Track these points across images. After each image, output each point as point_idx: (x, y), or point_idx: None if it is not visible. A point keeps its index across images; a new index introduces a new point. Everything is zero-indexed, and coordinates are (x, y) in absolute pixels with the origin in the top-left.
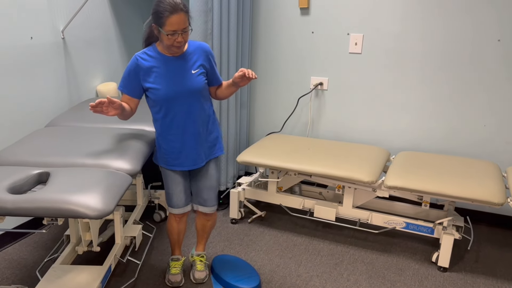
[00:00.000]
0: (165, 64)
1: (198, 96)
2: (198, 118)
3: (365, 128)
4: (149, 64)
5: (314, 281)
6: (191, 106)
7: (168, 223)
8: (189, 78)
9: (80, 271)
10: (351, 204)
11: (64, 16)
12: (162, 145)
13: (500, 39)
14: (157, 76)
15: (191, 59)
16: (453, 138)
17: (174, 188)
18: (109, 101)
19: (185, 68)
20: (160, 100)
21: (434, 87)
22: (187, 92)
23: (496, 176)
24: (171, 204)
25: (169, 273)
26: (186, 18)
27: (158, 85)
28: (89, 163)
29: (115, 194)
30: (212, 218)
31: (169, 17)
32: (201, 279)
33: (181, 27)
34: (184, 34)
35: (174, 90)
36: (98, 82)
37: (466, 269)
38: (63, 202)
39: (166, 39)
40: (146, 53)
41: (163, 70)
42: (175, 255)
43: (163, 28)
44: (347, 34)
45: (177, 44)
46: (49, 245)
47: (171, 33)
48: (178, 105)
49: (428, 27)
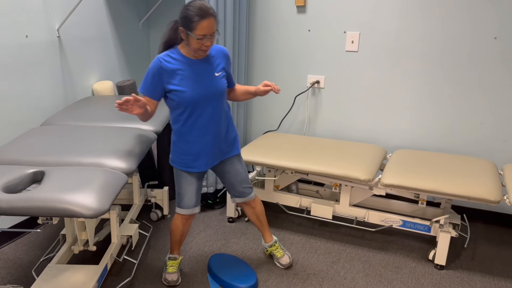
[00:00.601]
0: (190, 66)
1: (221, 98)
2: (220, 119)
3: (362, 126)
4: (173, 66)
5: (311, 280)
6: (214, 108)
7: (173, 223)
8: (213, 81)
9: (76, 270)
10: (348, 202)
11: (60, 14)
12: (180, 147)
13: (497, 37)
14: (182, 79)
15: (214, 62)
16: (449, 136)
17: (187, 189)
18: (134, 99)
19: (209, 71)
20: (184, 102)
21: (430, 85)
22: (211, 95)
23: (492, 174)
24: (181, 205)
25: (165, 272)
26: (215, 23)
27: (183, 87)
28: (85, 162)
29: (111, 193)
30: (256, 204)
31: (200, 22)
32: (287, 263)
33: (211, 32)
34: (212, 38)
35: (200, 92)
36: (94, 80)
37: (463, 267)
38: (57, 201)
39: (195, 43)
40: (170, 55)
41: (188, 72)
42: (173, 254)
43: (193, 32)
44: (344, 32)
45: (204, 48)
46: (45, 244)
47: (200, 37)
48: (202, 107)
49: (424, 25)
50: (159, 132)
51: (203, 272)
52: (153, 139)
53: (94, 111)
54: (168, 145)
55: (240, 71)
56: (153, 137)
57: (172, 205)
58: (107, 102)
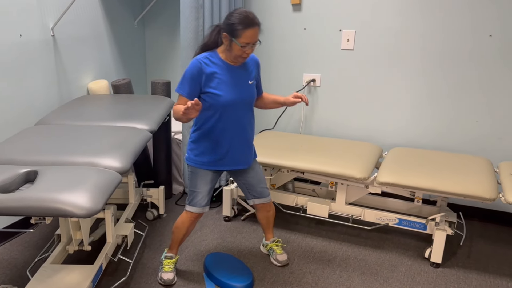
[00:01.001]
0: (228, 72)
1: (251, 104)
2: (248, 125)
3: (358, 125)
4: (211, 69)
5: (307, 278)
6: (244, 114)
7: (180, 221)
8: (247, 88)
9: (71, 270)
10: (344, 201)
11: (54, 13)
12: (206, 146)
13: (492, 35)
14: (220, 83)
15: (248, 69)
16: (445, 134)
17: (202, 188)
18: (196, 103)
19: (244, 77)
20: (218, 106)
21: (426, 83)
22: (244, 101)
23: (488, 171)
24: (192, 203)
25: (161, 271)
26: (258, 32)
27: (220, 91)
28: (79, 161)
29: (104, 192)
30: (271, 208)
31: (245, 30)
32: (284, 260)
33: (254, 40)
34: (254, 47)
35: (234, 98)
36: (89, 79)
37: (459, 265)
38: (50, 200)
39: (237, 50)
40: (209, 58)
41: (225, 77)
42: (170, 253)
43: (237, 39)
44: (339, 30)
45: (245, 55)
46: (40, 244)
47: (244, 45)
48: (233, 111)
49: (420, 24)
50: (154, 131)
51: (199, 271)
52: (148, 138)
53: (89, 110)
54: (164, 144)
55: None
56: (148, 136)
57: (168, 204)
58: (102, 101)
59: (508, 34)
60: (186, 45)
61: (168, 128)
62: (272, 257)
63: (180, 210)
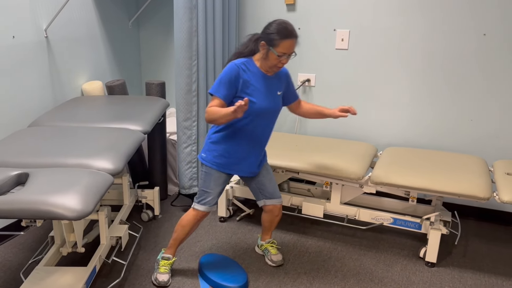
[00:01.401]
0: (262, 80)
1: (277, 115)
2: (268, 134)
3: (353, 124)
4: (248, 76)
5: (302, 278)
6: (270, 123)
7: (186, 219)
8: (276, 98)
9: (64, 272)
10: (339, 201)
11: (47, 14)
12: (225, 148)
13: (486, 33)
14: (254, 90)
15: (278, 80)
16: (440, 133)
17: (214, 189)
18: (245, 103)
19: (275, 88)
20: (250, 112)
21: (421, 82)
22: (272, 110)
23: (482, 170)
24: (203, 202)
25: (157, 272)
26: (296, 44)
27: (254, 98)
28: (71, 163)
29: (95, 194)
30: (279, 213)
31: (283, 41)
32: (279, 260)
33: (291, 51)
34: (289, 58)
35: (265, 106)
36: (83, 81)
37: (454, 264)
38: (40, 203)
39: (273, 59)
40: (245, 65)
41: (259, 85)
42: (167, 254)
43: (274, 48)
44: (334, 30)
45: (280, 65)
46: (34, 246)
47: (281, 55)
48: (261, 120)
49: (414, 23)
50: (148, 132)
51: (194, 272)
52: (141, 139)
53: (82, 112)
54: (159, 145)
55: None
56: (141, 137)
57: (163, 205)
58: (96, 103)
59: (502, 32)
60: (180, 45)
61: (163, 129)
62: (267, 258)
63: (175, 211)
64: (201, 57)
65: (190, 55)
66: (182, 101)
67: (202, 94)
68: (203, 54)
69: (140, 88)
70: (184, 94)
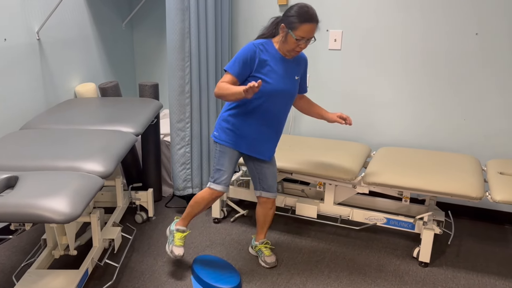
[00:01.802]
0: (279, 62)
1: (292, 99)
2: (283, 118)
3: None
4: (265, 57)
5: (295, 279)
6: (284, 107)
7: (200, 196)
8: (293, 82)
9: (56, 275)
10: (332, 201)
11: (39, 16)
12: (238, 127)
13: (478, 33)
14: (270, 71)
15: (297, 65)
16: (434, 132)
17: (228, 167)
18: (258, 84)
19: (292, 71)
20: (263, 92)
21: (414, 82)
22: (287, 93)
23: (475, 170)
24: (218, 181)
25: (172, 244)
26: (315, 29)
27: (269, 78)
28: (61, 166)
29: (84, 197)
30: (273, 206)
31: (303, 24)
32: (273, 262)
33: (310, 36)
34: (308, 42)
35: (280, 88)
36: (76, 83)
37: (447, 264)
38: (29, 206)
39: (292, 42)
40: (263, 45)
41: (276, 67)
42: (181, 226)
43: (293, 31)
44: (326, 30)
45: (298, 49)
46: (27, 249)
47: (299, 39)
48: (275, 102)
49: (407, 23)
50: (140, 134)
51: (187, 274)
52: (133, 141)
53: (75, 114)
54: (153, 147)
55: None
56: (133, 139)
57: (157, 207)
58: (88, 105)
59: (493, 32)
60: (172, 47)
61: (157, 130)
62: (261, 259)
63: (170, 212)
64: (194, 58)
65: (183, 57)
66: (175, 103)
67: (195, 95)
68: (196, 56)
69: (134, 89)
70: (177, 96)
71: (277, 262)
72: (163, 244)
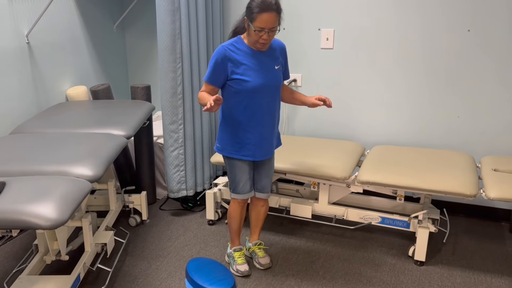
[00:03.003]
0: (253, 57)
1: (278, 90)
2: (274, 111)
3: (341, 124)
4: (237, 56)
5: (290, 281)
6: (271, 100)
7: (232, 211)
8: (273, 73)
9: (47, 281)
10: (327, 201)
11: (28, 19)
12: (237, 135)
13: (470, 29)
14: (246, 69)
15: (273, 54)
16: (428, 130)
17: (242, 177)
18: (216, 99)
19: (269, 63)
20: (245, 92)
21: (407, 79)
22: (271, 86)
23: (469, 167)
24: (237, 191)
25: (235, 264)
26: (276, 18)
27: (247, 77)
28: (49, 171)
29: (71, 202)
30: (266, 204)
31: (260, 14)
32: (267, 263)
33: (269, 26)
34: (271, 33)
35: (261, 83)
36: (67, 86)
37: (443, 262)
38: (15, 212)
39: (253, 34)
40: (234, 45)
41: (251, 63)
42: (237, 246)
43: (252, 23)
44: (318, 29)
45: (262, 41)
46: (20, 254)
47: (258, 30)
48: (261, 98)
49: (399, 20)
50: (131, 136)
51: (181, 277)
52: (123, 144)
53: (65, 117)
54: (146, 149)
55: None
56: (123, 142)
57: (152, 210)
58: (79, 108)
59: (486, 28)
60: (164, 48)
61: (150, 132)
62: (255, 260)
63: (164, 215)
64: (185, 59)
65: (174, 58)
66: (167, 104)
67: (187, 96)
68: (188, 57)
69: (126, 92)
70: (169, 97)
71: (271, 263)
72: (157, 247)
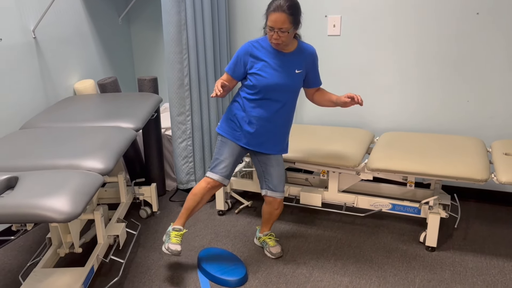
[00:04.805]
0: (275, 57)
1: (294, 94)
2: (286, 112)
3: (349, 111)
4: (259, 53)
5: (301, 269)
6: (286, 102)
7: (198, 187)
8: (292, 76)
9: (62, 273)
10: (337, 189)
11: (34, 15)
12: (240, 120)
13: (479, 12)
14: (265, 66)
15: (299, 58)
16: (437, 115)
17: (227, 157)
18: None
19: (290, 65)
20: (261, 87)
21: (415, 65)
22: (286, 88)
23: (480, 152)
24: (214, 169)
25: (169, 242)
26: (285, 20)
27: (264, 73)
28: (60, 165)
29: (84, 195)
30: (280, 206)
31: (270, 13)
32: (278, 252)
33: (278, 26)
34: (281, 34)
35: (277, 82)
36: (75, 80)
37: (455, 247)
38: (29, 206)
39: (268, 33)
40: (259, 42)
41: (271, 62)
42: (177, 225)
43: (266, 22)
44: (325, 16)
45: (273, 40)
46: (34, 248)
47: (269, 28)
48: (275, 96)
49: (406, 5)
50: (140, 129)
51: (193, 267)
52: (133, 137)
53: (74, 111)
54: (155, 141)
55: (223, 65)
56: (132, 134)
57: (162, 201)
58: (87, 101)
59: (495, 11)
60: (170, 39)
61: (158, 124)
62: (266, 250)
63: (174, 206)
64: (191, 50)
65: (181, 49)
66: (174, 96)
67: (194, 87)
68: (194, 47)
69: (133, 84)
70: (176, 89)
71: (282, 252)
72: None
